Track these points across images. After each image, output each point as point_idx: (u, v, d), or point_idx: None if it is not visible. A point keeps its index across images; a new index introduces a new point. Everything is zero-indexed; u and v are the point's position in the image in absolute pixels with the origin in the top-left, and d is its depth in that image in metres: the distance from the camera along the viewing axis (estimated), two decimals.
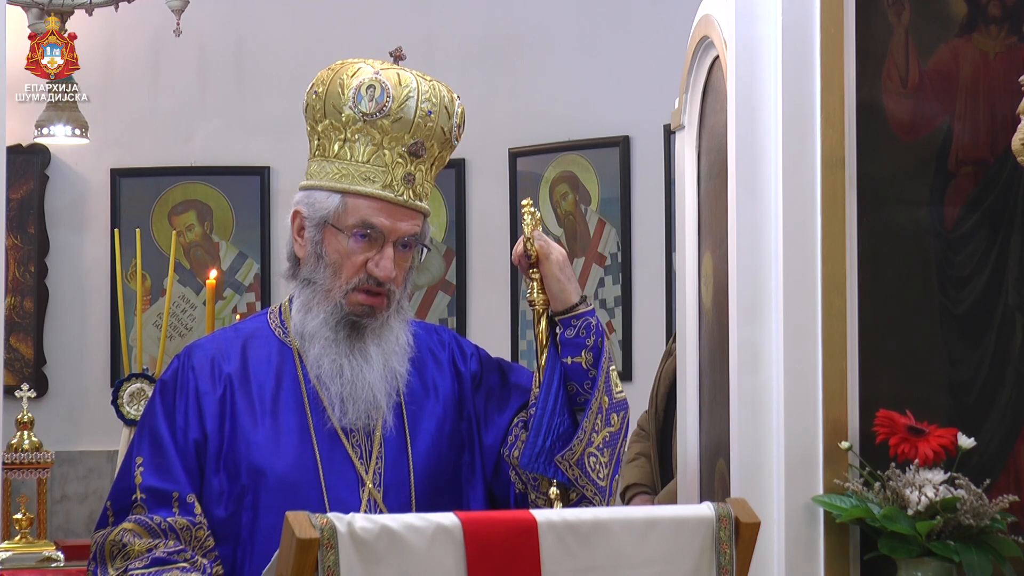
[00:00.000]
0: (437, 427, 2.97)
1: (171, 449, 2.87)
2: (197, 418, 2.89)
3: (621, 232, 6.61)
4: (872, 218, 3.17)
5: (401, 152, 2.91)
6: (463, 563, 2.41)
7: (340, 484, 2.87)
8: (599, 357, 2.92)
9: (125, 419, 5.59)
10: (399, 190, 2.90)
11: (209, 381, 2.92)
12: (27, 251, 6.93)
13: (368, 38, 6.78)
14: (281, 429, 2.89)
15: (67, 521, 6.89)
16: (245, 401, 2.91)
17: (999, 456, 3.19)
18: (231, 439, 2.88)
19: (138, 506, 2.85)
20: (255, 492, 2.86)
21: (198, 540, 2.84)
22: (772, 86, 3.18)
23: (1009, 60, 3.20)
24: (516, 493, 2.94)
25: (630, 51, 6.61)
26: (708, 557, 2.55)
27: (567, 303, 2.95)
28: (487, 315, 6.90)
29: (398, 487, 2.90)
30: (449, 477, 2.96)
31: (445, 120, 2.93)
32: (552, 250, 2.96)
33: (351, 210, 2.90)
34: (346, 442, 2.90)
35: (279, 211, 7.04)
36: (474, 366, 3.04)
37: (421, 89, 2.91)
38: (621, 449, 2.95)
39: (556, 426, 2.89)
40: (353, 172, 2.91)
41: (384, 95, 2.89)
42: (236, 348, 2.96)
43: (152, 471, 2.86)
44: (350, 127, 2.90)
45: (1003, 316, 3.21)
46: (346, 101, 2.90)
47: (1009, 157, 3.09)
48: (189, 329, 6.99)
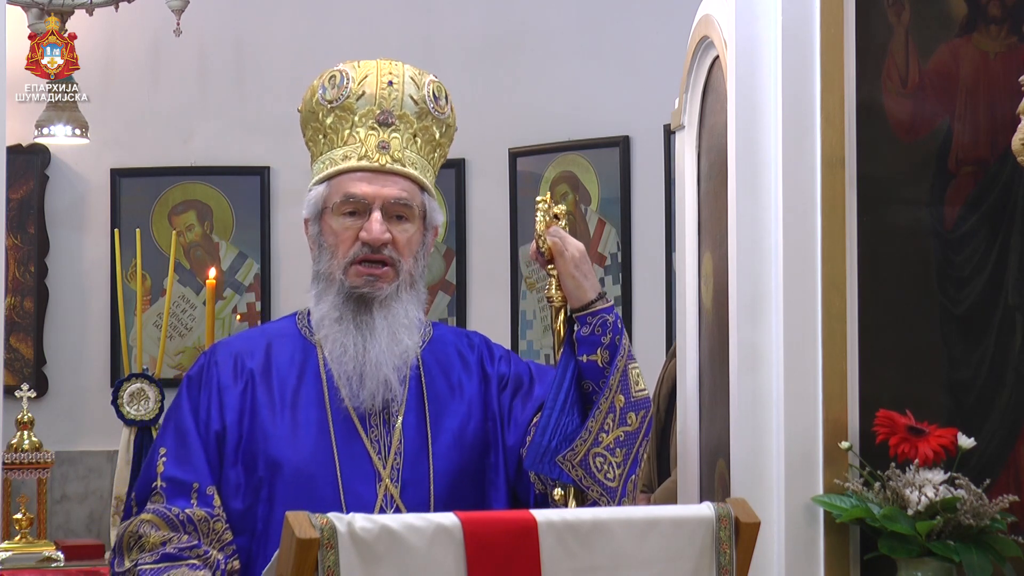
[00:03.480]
0: (460, 426, 2.96)
1: (195, 442, 2.90)
2: (218, 411, 2.92)
3: (621, 232, 6.61)
4: (872, 218, 3.17)
5: (372, 125, 2.97)
6: (463, 563, 2.41)
7: (357, 478, 2.88)
8: (615, 354, 2.91)
9: (125, 419, 5.59)
10: (374, 156, 2.96)
11: (231, 376, 2.95)
12: (27, 251, 6.93)
13: (368, 38, 6.79)
14: (300, 423, 2.91)
15: (67, 521, 6.89)
16: (266, 395, 2.94)
17: (999, 456, 3.19)
18: (250, 432, 2.90)
19: (157, 495, 2.87)
20: (271, 485, 2.87)
21: (215, 533, 2.85)
22: (772, 86, 3.18)
23: (1009, 60, 3.20)
24: (536, 494, 2.92)
25: (630, 51, 6.61)
26: (708, 557, 2.55)
27: (583, 300, 2.94)
28: (487, 315, 6.90)
29: (416, 483, 2.90)
30: (472, 477, 2.95)
31: (413, 89, 2.99)
32: (568, 246, 2.95)
33: (335, 189, 2.96)
34: (364, 437, 2.91)
35: (279, 211, 7.05)
36: (502, 368, 3.04)
37: (380, 67, 3.00)
38: (641, 449, 2.92)
39: (564, 425, 2.87)
40: (335, 157, 2.98)
41: (344, 79, 2.99)
42: (261, 346, 3.00)
43: (174, 462, 2.89)
44: (326, 120, 2.98)
45: (1003, 316, 3.21)
46: (316, 99, 3.00)
47: (1009, 157, 3.09)
48: (189, 329, 6.99)
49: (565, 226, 2.99)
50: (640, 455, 2.92)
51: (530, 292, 6.84)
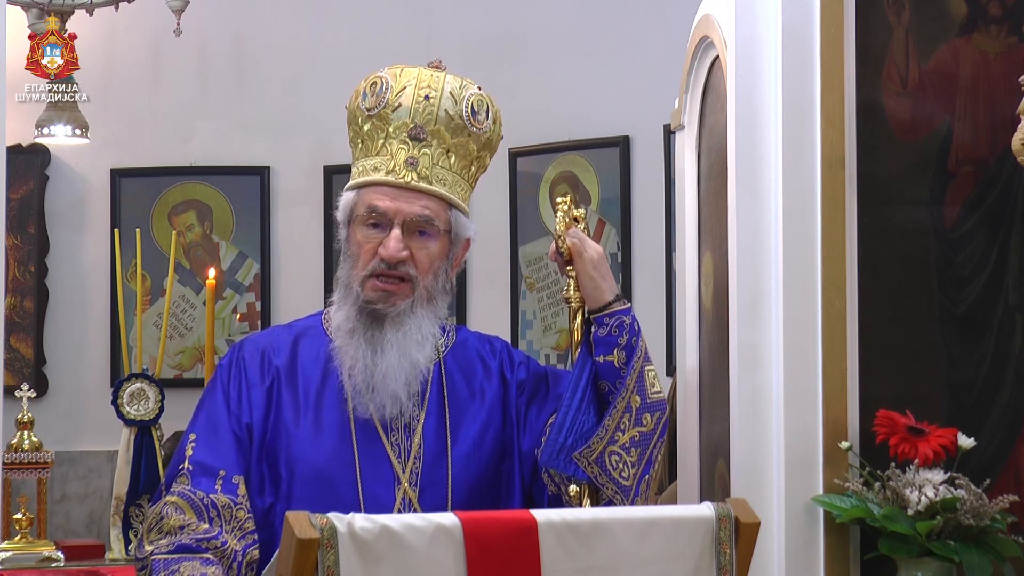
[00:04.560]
0: (479, 432, 2.97)
1: (226, 430, 2.91)
2: (248, 406, 2.94)
3: (621, 232, 6.61)
4: (872, 218, 3.17)
5: (403, 139, 2.96)
6: (463, 563, 2.41)
7: (376, 481, 2.88)
8: (631, 356, 2.92)
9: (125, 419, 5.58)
10: (400, 173, 2.94)
11: (258, 373, 2.97)
12: (27, 251, 6.93)
13: (368, 38, 6.79)
14: (322, 424, 2.92)
15: (67, 521, 6.89)
16: (290, 394, 2.95)
17: (999, 456, 3.19)
18: (274, 430, 2.92)
19: (183, 475, 2.88)
20: (290, 483, 2.89)
21: (237, 521, 2.86)
22: (772, 86, 3.18)
23: (1009, 60, 3.20)
24: (549, 495, 2.93)
25: (630, 51, 6.60)
26: (708, 557, 2.55)
27: (600, 301, 2.97)
28: (487, 315, 6.89)
29: (434, 487, 2.90)
30: (490, 482, 2.96)
31: (450, 104, 2.97)
32: (587, 248, 2.98)
33: (362, 200, 2.96)
34: (385, 440, 2.92)
35: (279, 211, 7.05)
36: (521, 374, 3.04)
37: (421, 78, 2.98)
38: (655, 450, 2.93)
39: (580, 424, 2.88)
40: (367, 166, 2.98)
41: (384, 88, 2.96)
42: (287, 343, 3.01)
43: (204, 447, 2.90)
44: (364, 126, 2.98)
45: (1003, 316, 3.21)
46: (357, 103, 2.99)
47: (1009, 157, 3.09)
48: (189, 329, 6.99)
49: (584, 228, 3.01)
50: (654, 456, 2.94)
51: (530, 292, 6.84)
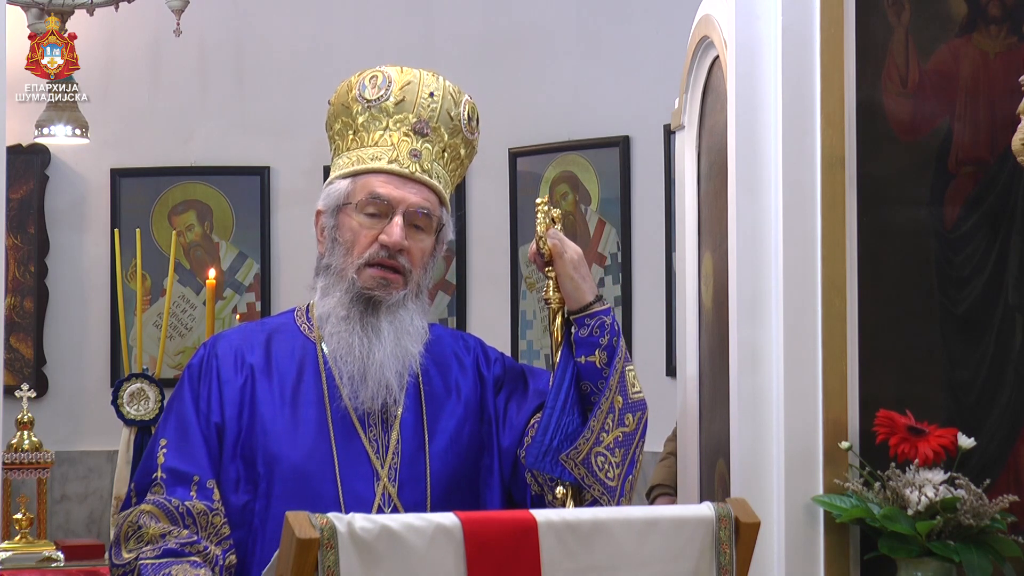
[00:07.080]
0: (456, 427, 2.98)
1: (196, 433, 2.91)
2: (219, 403, 2.93)
3: (621, 232, 6.61)
4: (872, 218, 3.17)
5: (406, 131, 2.99)
6: (463, 563, 2.41)
7: (355, 477, 2.89)
8: (613, 356, 2.93)
9: (125, 419, 5.60)
10: (405, 163, 2.97)
11: (232, 369, 2.96)
12: (27, 251, 6.93)
13: (368, 38, 6.79)
14: (300, 420, 2.92)
15: (67, 521, 6.89)
16: (266, 391, 2.95)
17: (999, 456, 3.19)
18: (249, 427, 2.91)
19: (157, 485, 2.87)
20: (269, 480, 2.88)
21: (214, 527, 2.86)
22: (772, 86, 3.18)
23: (1009, 60, 3.20)
24: (532, 495, 2.94)
25: (630, 51, 6.60)
26: (708, 557, 2.55)
27: (581, 302, 2.96)
28: (487, 315, 6.90)
29: (413, 483, 2.91)
30: (467, 477, 2.97)
31: (451, 105, 3.02)
32: (567, 249, 2.98)
33: (360, 187, 2.97)
34: (363, 435, 2.92)
35: (279, 211, 7.05)
36: (497, 370, 3.06)
37: (423, 77, 3.02)
38: (637, 450, 2.94)
39: (564, 425, 2.89)
40: (363, 156, 2.99)
41: (386, 81, 3.00)
42: (260, 340, 3.01)
43: (175, 453, 2.90)
44: (359, 117, 3.00)
45: (1003, 316, 3.21)
46: (353, 95, 3.01)
47: (1009, 157, 3.09)
48: (189, 329, 6.99)
49: (561, 229, 3.02)
50: (636, 456, 2.94)
51: (530, 292, 6.84)
